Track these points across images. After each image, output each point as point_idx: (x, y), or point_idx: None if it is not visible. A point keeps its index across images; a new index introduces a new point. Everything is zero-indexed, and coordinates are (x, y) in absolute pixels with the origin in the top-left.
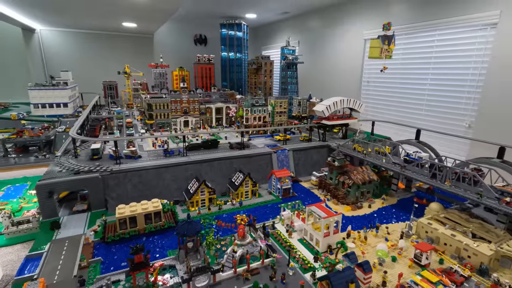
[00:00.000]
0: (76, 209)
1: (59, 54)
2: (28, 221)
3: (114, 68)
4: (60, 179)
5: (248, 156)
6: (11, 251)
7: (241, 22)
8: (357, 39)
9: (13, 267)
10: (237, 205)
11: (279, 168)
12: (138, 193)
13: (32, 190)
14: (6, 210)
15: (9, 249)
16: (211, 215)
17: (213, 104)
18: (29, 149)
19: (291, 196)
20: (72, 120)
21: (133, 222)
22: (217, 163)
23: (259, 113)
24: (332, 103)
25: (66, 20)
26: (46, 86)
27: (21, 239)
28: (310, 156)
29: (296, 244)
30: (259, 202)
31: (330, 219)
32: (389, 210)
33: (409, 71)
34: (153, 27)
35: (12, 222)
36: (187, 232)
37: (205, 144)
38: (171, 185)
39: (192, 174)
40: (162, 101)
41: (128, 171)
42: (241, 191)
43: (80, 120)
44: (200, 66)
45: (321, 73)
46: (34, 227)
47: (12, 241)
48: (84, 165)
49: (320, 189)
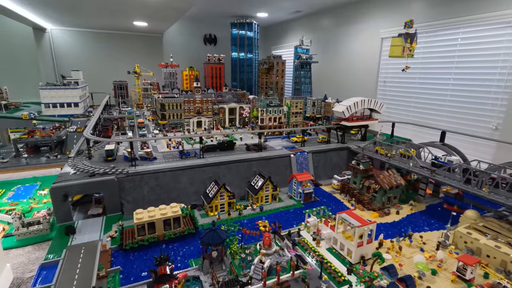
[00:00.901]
0: (91, 213)
1: (69, 54)
2: (39, 222)
3: (124, 67)
4: (75, 181)
5: (266, 158)
6: (22, 253)
7: (252, 21)
8: (373, 38)
9: (23, 269)
10: (257, 210)
11: (298, 171)
12: (154, 196)
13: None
14: (16, 211)
15: (20, 251)
16: (232, 221)
17: (227, 104)
18: (41, 149)
19: (313, 201)
20: (83, 120)
21: (152, 228)
22: (235, 165)
23: (274, 113)
24: (353, 104)
25: (78, 20)
26: (57, 86)
27: (32, 240)
28: (329, 159)
29: (325, 253)
30: (280, 207)
31: (365, 228)
32: (419, 217)
33: (429, 71)
34: (163, 26)
35: (23, 223)
36: (212, 241)
37: (221, 145)
38: (188, 188)
39: (210, 177)
40: (175, 101)
41: (145, 173)
42: (261, 195)
43: (93, 120)
44: (210, 66)
45: (334, 73)
46: (45, 228)
47: (23, 242)
48: (99, 167)
49: (342, 194)
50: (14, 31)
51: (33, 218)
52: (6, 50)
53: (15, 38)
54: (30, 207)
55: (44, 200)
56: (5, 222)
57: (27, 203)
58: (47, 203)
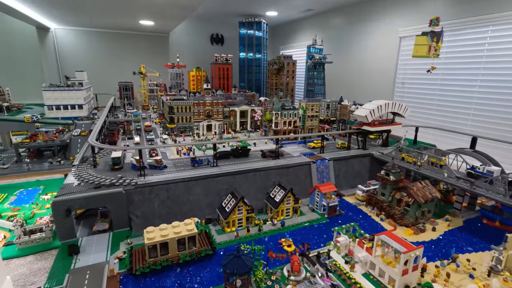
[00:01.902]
0: (97, 229)
1: (73, 54)
2: (41, 230)
3: (129, 68)
4: (79, 195)
5: (285, 166)
6: (23, 263)
7: (261, 20)
8: (390, 37)
9: (24, 282)
10: (278, 225)
11: (319, 180)
12: (165, 210)
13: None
14: (18, 218)
15: (21, 261)
16: (251, 238)
17: (238, 107)
18: (43, 153)
19: (337, 214)
20: (87, 123)
21: (165, 248)
22: (252, 174)
23: (289, 117)
24: (376, 107)
25: (82, 19)
26: (61, 87)
27: (34, 249)
28: (351, 167)
29: (361, 280)
30: (302, 222)
31: (411, 254)
32: (458, 235)
33: (453, 72)
34: (170, 25)
35: (25, 231)
36: (237, 270)
37: (235, 152)
38: (201, 201)
39: (227, 188)
40: (185, 103)
41: (155, 184)
42: (281, 209)
43: (98, 125)
44: (218, 67)
45: (345, 74)
46: (48, 236)
47: (24, 251)
48: (105, 176)
49: (369, 206)
50: (16, 31)
51: (36, 225)
52: (8, 50)
53: (18, 37)
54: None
55: (47, 206)
56: (7, 229)
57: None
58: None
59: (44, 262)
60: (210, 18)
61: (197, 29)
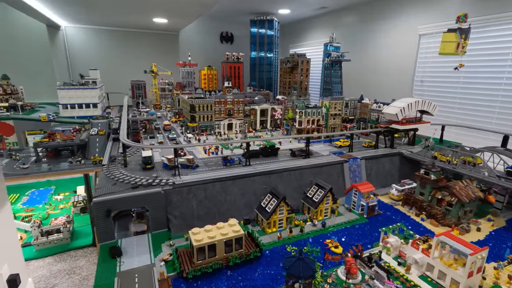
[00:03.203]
0: (135, 230)
1: (83, 52)
2: (59, 230)
3: (139, 66)
4: (118, 195)
5: (318, 165)
6: (42, 264)
7: (273, 19)
8: (408, 34)
9: (45, 284)
10: (318, 226)
11: (351, 179)
12: (204, 210)
13: (57, 195)
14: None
15: (40, 263)
16: (295, 240)
17: (258, 105)
18: (61, 153)
19: (376, 214)
20: (103, 122)
21: (212, 251)
22: (287, 174)
23: (312, 115)
24: (407, 105)
25: (93, 17)
26: (75, 86)
27: (52, 250)
28: (381, 166)
29: (420, 282)
30: (343, 223)
31: (478, 255)
32: (505, 235)
33: (476, 69)
34: (183, 23)
35: (42, 232)
36: (302, 273)
37: (265, 151)
38: (238, 201)
39: (265, 188)
40: (206, 101)
41: (192, 184)
42: (320, 209)
43: (124, 123)
44: (229, 65)
45: (360, 72)
46: (65, 237)
47: (42, 253)
48: (139, 176)
49: (406, 206)
50: (28, 29)
51: (52, 226)
52: (19, 48)
53: (29, 36)
54: (47, 213)
55: (61, 206)
56: (22, 230)
57: (43, 209)
58: (63, 209)
59: (63, 263)
60: (221, 17)
61: (207, 28)
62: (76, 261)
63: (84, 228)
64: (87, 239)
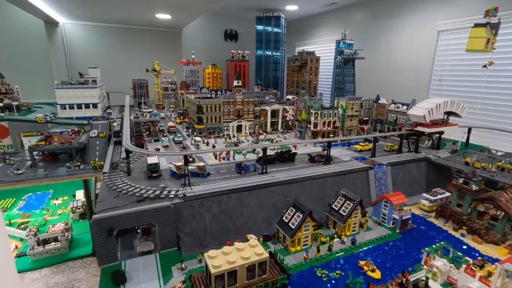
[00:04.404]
0: (141, 250)
1: (83, 50)
2: (56, 239)
3: (141, 65)
4: (122, 210)
5: (342, 173)
6: (38, 276)
7: (279, 15)
8: (426, 30)
9: None
10: (348, 243)
11: (377, 188)
12: (218, 225)
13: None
14: (31, 227)
15: (36, 274)
16: (323, 261)
17: (269, 106)
18: (59, 157)
19: (409, 229)
20: (104, 123)
21: (232, 278)
22: (309, 183)
23: (329, 117)
24: (435, 106)
25: (93, 12)
26: (74, 85)
27: (49, 261)
28: (408, 172)
29: None
30: (374, 240)
31: None
32: None
33: (502, 67)
34: (186, 19)
35: (38, 240)
36: None
37: (281, 156)
38: (256, 214)
39: (288, 200)
40: (214, 102)
41: (206, 196)
42: (349, 223)
43: (127, 126)
44: (234, 63)
45: (372, 71)
46: (63, 246)
47: (39, 264)
48: (145, 186)
49: (441, 218)
50: (25, 26)
51: (49, 234)
52: (16, 46)
53: (25, 32)
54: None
55: (59, 211)
56: (18, 238)
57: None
58: (62, 214)
59: (61, 276)
60: (225, 13)
61: (211, 25)
62: (74, 272)
63: (83, 235)
64: (86, 248)
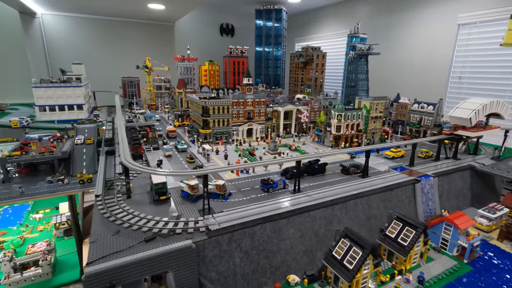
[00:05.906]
0: None
1: (64, 44)
2: (37, 263)
3: (131, 61)
4: (126, 258)
5: (387, 188)
6: None
7: (281, 8)
8: (444, 24)
9: None
10: (413, 282)
11: (424, 204)
12: (251, 267)
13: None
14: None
15: None
16: None
17: (281, 106)
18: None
19: (477, 257)
20: (90, 127)
21: None
22: (353, 202)
23: (352, 119)
24: (482, 107)
25: (76, 2)
26: (55, 83)
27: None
28: (453, 183)
29: None
30: (441, 275)
31: None
32: None
33: None
34: (180, 11)
35: (15, 266)
36: None
37: (310, 168)
38: (296, 247)
39: (338, 230)
40: (222, 103)
41: (234, 229)
42: (410, 255)
43: (123, 134)
44: (232, 60)
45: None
46: (45, 272)
47: None
48: (152, 214)
49: (507, 241)
50: None
51: (28, 256)
52: None
53: None
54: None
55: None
56: None
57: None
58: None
59: None
60: (221, 6)
61: (206, 19)
62: None
63: (68, 257)
64: (73, 273)
